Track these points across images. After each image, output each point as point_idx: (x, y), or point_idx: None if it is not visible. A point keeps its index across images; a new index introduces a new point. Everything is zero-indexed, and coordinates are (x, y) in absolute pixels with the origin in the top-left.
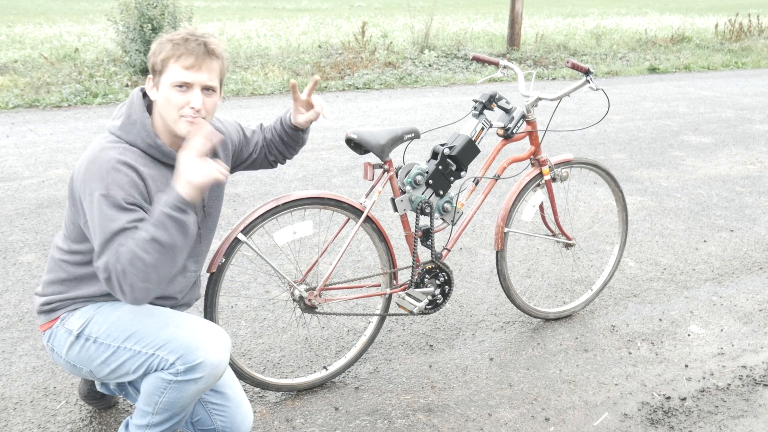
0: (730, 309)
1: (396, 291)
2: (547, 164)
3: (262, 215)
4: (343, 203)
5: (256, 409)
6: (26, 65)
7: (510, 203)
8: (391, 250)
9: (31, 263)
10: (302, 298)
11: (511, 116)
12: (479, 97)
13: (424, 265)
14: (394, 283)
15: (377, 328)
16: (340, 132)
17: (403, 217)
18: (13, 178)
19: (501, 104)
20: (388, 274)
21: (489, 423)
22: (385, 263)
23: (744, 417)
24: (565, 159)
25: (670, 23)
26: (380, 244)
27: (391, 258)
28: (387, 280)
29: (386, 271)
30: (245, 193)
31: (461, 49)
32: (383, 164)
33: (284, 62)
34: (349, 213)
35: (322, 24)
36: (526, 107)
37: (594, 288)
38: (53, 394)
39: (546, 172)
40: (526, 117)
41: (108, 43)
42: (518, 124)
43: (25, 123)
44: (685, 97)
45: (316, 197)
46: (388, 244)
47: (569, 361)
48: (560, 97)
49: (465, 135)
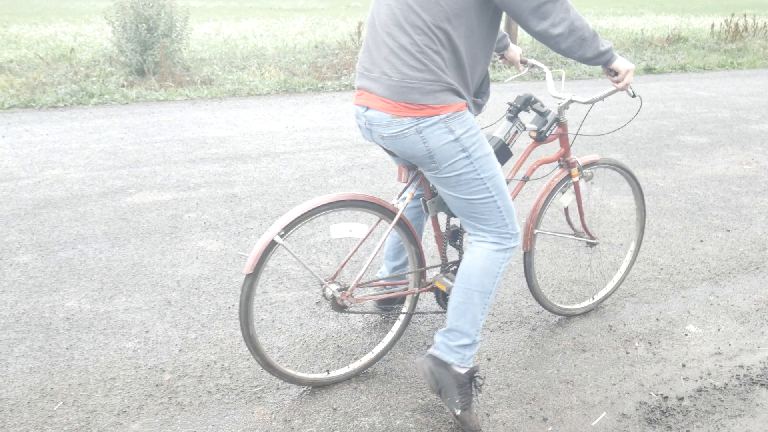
0: (726, 309)
1: (423, 290)
2: (576, 166)
3: (298, 218)
4: (377, 205)
5: (254, 409)
6: (22, 65)
7: (539, 205)
8: (420, 250)
9: (27, 264)
10: (334, 297)
11: (545, 119)
12: (514, 101)
13: (453, 264)
14: (422, 282)
15: (404, 326)
16: (337, 132)
17: (433, 219)
18: (9, 178)
19: (536, 107)
20: (416, 274)
21: (487, 423)
22: (415, 263)
23: (741, 416)
24: (591, 160)
25: (666, 23)
26: (410, 245)
27: (420, 258)
28: (415, 279)
29: (415, 270)
30: (242, 194)
31: None
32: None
33: (281, 62)
34: (382, 214)
35: (319, 24)
36: (558, 109)
37: (609, 286)
38: (50, 396)
39: (575, 174)
40: (559, 120)
41: (104, 43)
42: (551, 127)
43: (21, 123)
44: (681, 97)
45: (352, 199)
46: (418, 245)
47: (567, 361)
48: (593, 101)
49: (498, 138)
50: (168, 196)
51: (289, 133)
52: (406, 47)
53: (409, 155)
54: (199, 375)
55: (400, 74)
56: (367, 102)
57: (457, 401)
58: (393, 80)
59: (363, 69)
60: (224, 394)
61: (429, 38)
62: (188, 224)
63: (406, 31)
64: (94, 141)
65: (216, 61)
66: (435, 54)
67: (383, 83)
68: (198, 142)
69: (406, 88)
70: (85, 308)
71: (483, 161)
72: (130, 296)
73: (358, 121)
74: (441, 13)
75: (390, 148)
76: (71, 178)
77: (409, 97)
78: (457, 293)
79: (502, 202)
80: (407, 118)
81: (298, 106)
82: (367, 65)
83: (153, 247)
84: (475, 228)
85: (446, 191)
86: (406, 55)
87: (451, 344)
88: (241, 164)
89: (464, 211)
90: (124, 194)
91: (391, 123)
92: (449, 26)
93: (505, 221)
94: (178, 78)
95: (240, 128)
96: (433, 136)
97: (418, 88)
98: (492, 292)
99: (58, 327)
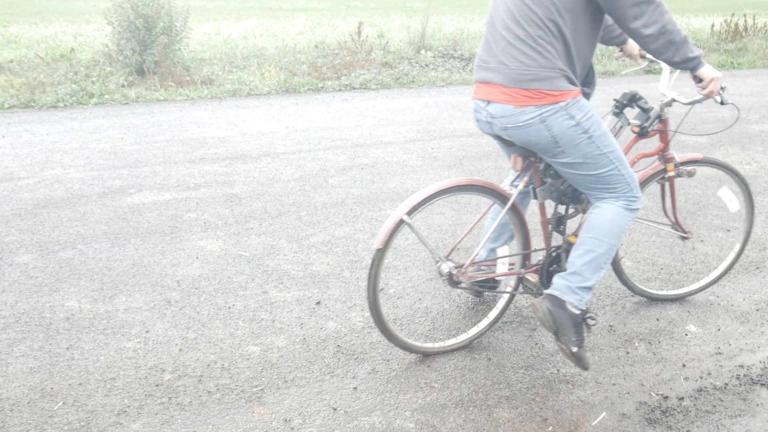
0: (727, 309)
1: (529, 271)
2: (672, 161)
3: (424, 200)
4: (493, 190)
5: (254, 409)
6: (22, 65)
7: None
8: (527, 234)
9: (27, 264)
10: (450, 273)
11: (648, 115)
12: (620, 97)
13: (556, 248)
14: (527, 264)
15: (507, 304)
16: (337, 132)
17: (540, 205)
18: (9, 178)
19: (640, 104)
20: (522, 256)
21: (487, 423)
22: (522, 245)
23: (741, 416)
24: (693, 158)
25: None
26: (519, 229)
27: (527, 241)
28: (521, 261)
29: (523, 252)
30: (242, 194)
31: (458, 49)
32: (530, 157)
33: (281, 62)
34: (496, 199)
35: (319, 24)
36: (661, 106)
37: (711, 276)
38: (50, 395)
39: (670, 169)
40: (661, 116)
41: (104, 43)
42: (653, 123)
43: (21, 123)
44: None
45: (470, 184)
46: (526, 229)
47: (567, 361)
48: (693, 103)
49: None
50: (168, 196)
51: (289, 133)
52: (522, 38)
53: (533, 143)
54: (199, 375)
55: (518, 62)
56: (488, 96)
57: (573, 339)
58: (511, 69)
59: (481, 61)
60: (224, 394)
61: (542, 30)
62: (188, 224)
63: (521, 24)
64: (94, 141)
65: (216, 61)
66: (548, 44)
67: (502, 72)
68: (198, 142)
69: (523, 75)
70: (85, 308)
71: (603, 138)
72: (130, 296)
73: (478, 115)
74: (552, 8)
75: (512, 139)
76: (71, 178)
77: (528, 84)
78: (585, 242)
79: (625, 170)
80: (530, 107)
81: (298, 106)
82: (485, 57)
83: (153, 247)
84: (602, 197)
85: (572, 171)
86: (523, 45)
87: (572, 285)
88: (241, 164)
89: (591, 185)
90: (124, 194)
91: (515, 114)
92: (560, 19)
93: (630, 186)
94: (178, 78)
95: (240, 128)
96: (556, 123)
97: (534, 75)
98: (615, 246)
99: (58, 327)
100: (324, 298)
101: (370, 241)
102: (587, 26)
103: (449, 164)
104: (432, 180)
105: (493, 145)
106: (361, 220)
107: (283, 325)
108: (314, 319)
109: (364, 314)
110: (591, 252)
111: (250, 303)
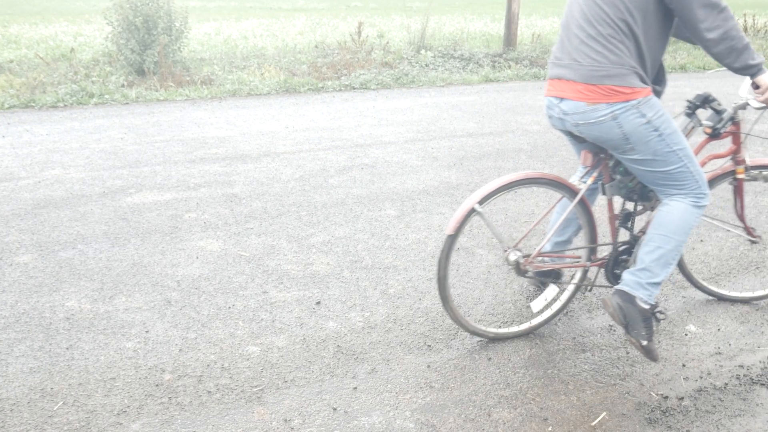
0: (726, 308)
1: (594, 264)
2: (742, 164)
3: (495, 190)
4: (563, 184)
5: (254, 409)
6: (22, 65)
7: None
8: (594, 228)
9: (28, 264)
10: (518, 262)
11: (720, 117)
12: (693, 98)
13: (623, 243)
14: (592, 258)
15: (571, 296)
16: (337, 132)
17: (609, 201)
18: (9, 178)
19: (713, 106)
20: (588, 249)
21: (487, 423)
22: (588, 239)
23: (741, 416)
24: (766, 162)
25: None
26: (587, 223)
27: (594, 235)
28: (587, 254)
29: (589, 245)
30: (242, 194)
31: (458, 49)
32: (600, 153)
33: (281, 62)
34: (565, 193)
35: (319, 24)
36: (734, 109)
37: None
38: (50, 395)
39: (740, 171)
40: (734, 119)
41: (104, 43)
42: (725, 125)
43: (21, 123)
44: (682, 97)
45: (540, 177)
46: (593, 223)
47: (567, 361)
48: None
49: None
50: (168, 196)
51: (289, 133)
52: (594, 37)
53: (604, 140)
54: (199, 375)
55: (590, 59)
56: (561, 93)
57: (643, 333)
58: (583, 65)
59: (555, 59)
60: (224, 394)
61: (613, 29)
62: (188, 224)
63: (593, 24)
64: (94, 141)
65: (216, 61)
66: (619, 43)
67: (574, 69)
68: (198, 142)
69: (595, 72)
70: (85, 308)
71: (673, 136)
72: (130, 296)
73: (550, 111)
74: (622, 8)
75: (583, 135)
76: (71, 178)
77: (600, 80)
78: (654, 239)
79: (694, 168)
80: (602, 105)
81: (298, 106)
82: (559, 55)
83: (153, 247)
84: (670, 194)
85: (642, 168)
86: (594, 43)
87: (641, 281)
88: (241, 164)
89: (660, 181)
90: (124, 194)
91: (587, 111)
92: (630, 19)
93: (698, 183)
94: (178, 78)
95: (240, 128)
96: (628, 121)
97: (606, 71)
98: (683, 243)
99: (58, 327)
100: (324, 298)
101: (370, 241)
102: (658, 25)
103: (449, 164)
104: (432, 180)
105: (493, 146)
106: (361, 220)
107: (283, 325)
108: (314, 319)
109: (364, 314)
110: (660, 248)
111: (250, 303)
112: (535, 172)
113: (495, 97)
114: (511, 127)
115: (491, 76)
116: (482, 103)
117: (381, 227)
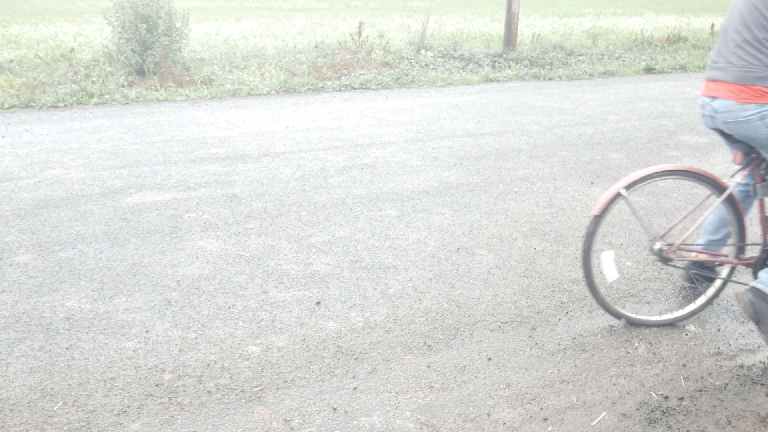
0: (726, 308)
1: (741, 263)
2: None
3: (642, 178)
4: (711, 180)
5: (254, 409)
6: (22, 65)
7: None
8: (743, 227)
9: (28, 264)
10: (661, 250)
11: None
12: None
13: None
14: (740, 257)
15: (717, 292)
16: (337, 132)
17: (760, 201)
18: (9, 178)
19: None
20: (737, 247)
21: (488, 423)
22: (737, 237)
23: (741, 416)
24: None
25: (666, 23)
26: (735, 220)
27: (743, 234)
28: (735, 251)
29: (738, 244)
30: (242, 194)
31: (458, 49)
32: (751, 153)
33: (281, 62)
34: (713, 189)
35: (319, 24)
36: None
37: None
38: (50, 395)
39: None
40: None
41: (104, 43)
42: None
43: (21, 123)
44: (681, 97)
45: (689, 171)
46: (742, 221)
47: (567, 361)
48: None
49: None
50: (168, 196)
51: (289, 133)
52: (749, 41)
53: (751, 138)
54: (199, 375)
55: (743, 62)
56: (714, 93)
57: None
58: (736, 67)
59: (712, 62)
60: (224, 394)
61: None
62: (188, 224)
63: (750, 28)
64: (94, 141)
65: (216, 61)
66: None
67: (728, 71)
68: (198, 142)
69: (748, 73)
70: (85, 308)
71: None
72: (130, 296)
73: (703, 110)
74: None
75: (732, 132)
76: (71, 178)
77: (752, 81)
78: None
79: None
80: (751, 104)
81: (298, 106)
82: (715, 58)
83: (153, 247)
84: None
85: None
86: (749, 47)
87: None
88: (241, 164)
89: None
90: (124, 194)
91: (737, 109)
92: None
93: None
94: (178, 78)
95: (240, 128)
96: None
97: (758, 73)
98: None
99: (58, 327)
100: (324, 298)
101: (370, 241)
102: None
103: (449, 164)
104: (432, 180)
105: (493, 146)
106: (361, 220)
107: (283, 325)
108: (314, 319)
109: (364, 314)
110: None
111: (250, 303)
112: (685, 165)
113: (495, 97)
114: (511, 127)
115: (491, 76)
116: (482, 103)
117: (381, 227)
